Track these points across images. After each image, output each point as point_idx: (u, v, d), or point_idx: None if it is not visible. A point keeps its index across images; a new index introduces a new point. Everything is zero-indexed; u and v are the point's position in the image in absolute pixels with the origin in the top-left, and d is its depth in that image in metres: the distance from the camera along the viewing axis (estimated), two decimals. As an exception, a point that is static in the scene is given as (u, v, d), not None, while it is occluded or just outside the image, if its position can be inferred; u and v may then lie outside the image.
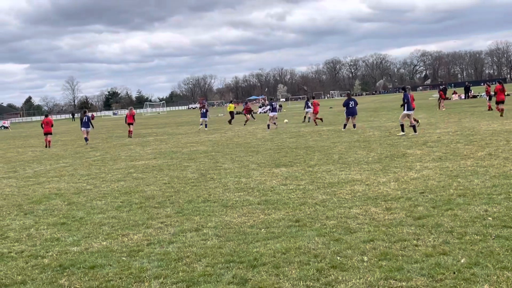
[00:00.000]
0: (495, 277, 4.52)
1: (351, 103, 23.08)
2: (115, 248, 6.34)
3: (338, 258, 5.36)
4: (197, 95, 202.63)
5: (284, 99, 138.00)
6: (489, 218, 6.37)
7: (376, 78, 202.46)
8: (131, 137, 28.95)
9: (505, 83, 52.33)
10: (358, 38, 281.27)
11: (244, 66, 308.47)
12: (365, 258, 5.28)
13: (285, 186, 9.70)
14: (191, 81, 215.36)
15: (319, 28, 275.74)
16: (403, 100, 18.87)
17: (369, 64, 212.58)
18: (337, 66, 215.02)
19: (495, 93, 24.55)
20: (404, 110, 18.82)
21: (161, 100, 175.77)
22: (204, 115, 32.46)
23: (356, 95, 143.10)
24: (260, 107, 67.67)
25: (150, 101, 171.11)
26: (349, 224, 6.65)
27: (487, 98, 30.40)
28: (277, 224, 6.91)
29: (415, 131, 18.13)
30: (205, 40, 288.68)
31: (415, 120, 21.68)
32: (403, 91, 19.49)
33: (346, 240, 5.94)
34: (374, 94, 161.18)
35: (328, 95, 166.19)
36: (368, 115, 33.32)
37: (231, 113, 39.15)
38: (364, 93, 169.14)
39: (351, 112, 23.06)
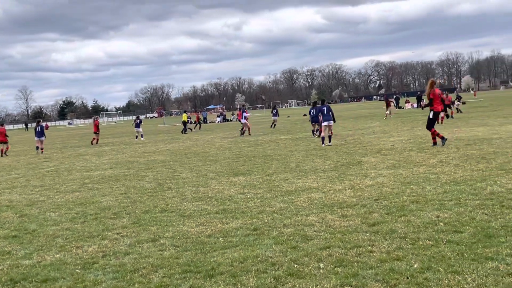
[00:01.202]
0: (446, 281, 4.65)
1: (312, 111, 24.43)
2: (69, 261, 6.19)
3: (295, 265, 5.40)
4: (154, 104, 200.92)
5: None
6: (441, 224, 6.55)
7: (332, 87, 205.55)
8: (93, 144, 30.41)
9: (452, 93, 55.88)
10: (314, 48, 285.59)
11: (202, 76, 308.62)
12: (322, 265, 5.34)
13: (243, 195, 9.71)
14: (149, 90, 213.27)
15: (275, 38, 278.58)
16: (316, 112, 19.59)
17: (325, 74, 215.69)
18: (294, 76, 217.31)
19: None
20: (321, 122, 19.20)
21: (117, 109, 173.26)
22: (137, 125, 33.01)
23: (315, 104, 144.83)
24: (218, 116, 67.69)
25: (107, 110, 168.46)
26: (306, 231, 6.72)
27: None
28: (235, 233, 6.91)
29: (323, 141, 18.42)
30: (162, 49, 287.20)
31: (315, 132, 22.42)
32: (313, 104, 20.21)
33: (303, 248, 5.99)
34: (330, 103, 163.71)
35: (286, 104, 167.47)
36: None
37: (184, 123, 39.07)
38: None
39: (313, 119, 24.01)
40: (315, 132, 23.65)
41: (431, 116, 15.71)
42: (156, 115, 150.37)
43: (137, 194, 10.76)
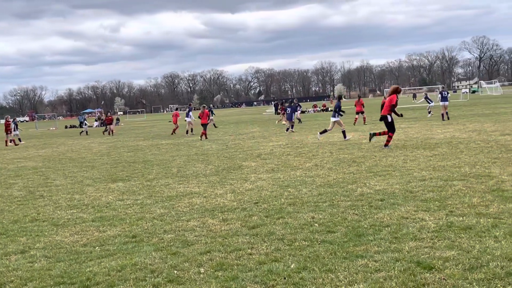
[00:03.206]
0: (321, 280, 4.86)
1: (288, 110, 27.18)
2: None
3: (175, 271, 5.33)
4: (26, 107, 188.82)
5: (121, 113, 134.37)
6: (316, 225, 6.85)
7: (214, 93, 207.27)
8: (7, 145, 29.57)
9: (328, 99, 60.18)
10: (194, 53, 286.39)
11: (77, 78, 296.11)
12: (202, 270, 5.33)
13: (121, 202, 9.42)
14: (19, 92, 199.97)
15: (155, 41, 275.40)
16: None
17: (206, 79, 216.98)
18: (176, 80, 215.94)
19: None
20: None
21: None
22: (14, 129, 33.28)
23: (194, 109, 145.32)
24: (96, 120, 65.14)
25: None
26: (186, 237, 6.67)
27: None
28: (113, 241, 6.68)
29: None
30: (33, 49, 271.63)
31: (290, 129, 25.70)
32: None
33: (183, 253, 5.94)
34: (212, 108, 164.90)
35: (167, 109, 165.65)
36: (206, 129, 33.84)
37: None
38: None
39: (288, 117, 26.89)
40: (290, 129, 25.98)
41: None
42: (27, 119, 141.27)
43: (4, 203, 10.00)
